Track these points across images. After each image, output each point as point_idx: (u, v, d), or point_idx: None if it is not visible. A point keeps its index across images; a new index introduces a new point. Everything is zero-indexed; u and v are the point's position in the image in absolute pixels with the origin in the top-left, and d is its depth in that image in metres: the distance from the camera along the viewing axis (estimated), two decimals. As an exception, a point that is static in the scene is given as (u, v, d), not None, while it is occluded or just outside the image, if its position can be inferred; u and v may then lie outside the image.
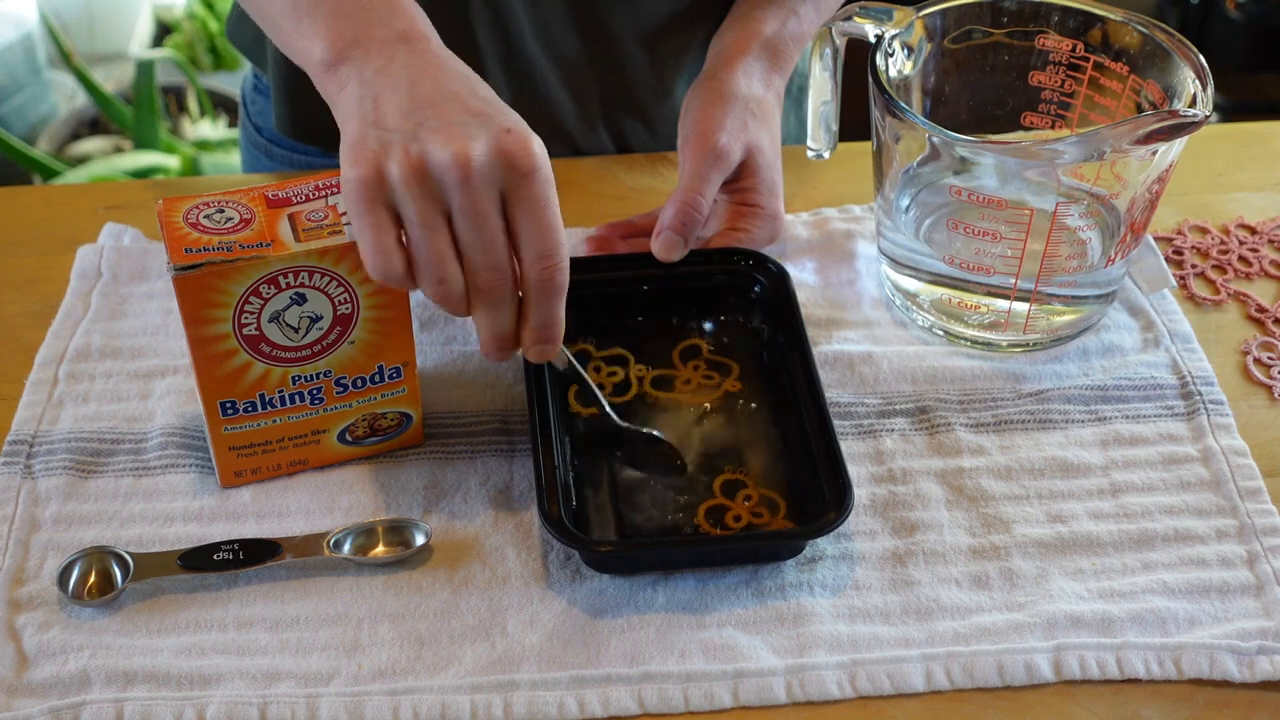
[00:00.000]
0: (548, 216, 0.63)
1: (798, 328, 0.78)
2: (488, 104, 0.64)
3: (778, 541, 0.71)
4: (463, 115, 0.63)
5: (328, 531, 0.71)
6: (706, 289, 0.82)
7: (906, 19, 0.82)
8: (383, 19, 0.68)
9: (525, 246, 0.64)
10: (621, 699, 0.65)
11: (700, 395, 0.79)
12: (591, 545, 0.69)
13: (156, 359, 0.81)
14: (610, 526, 0.71)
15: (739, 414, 0.78)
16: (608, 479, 0.74)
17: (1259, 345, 0.84)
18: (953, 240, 0.80)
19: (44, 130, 2.33)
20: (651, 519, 0.72)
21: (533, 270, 0.64)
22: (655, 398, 0.78)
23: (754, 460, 0.75)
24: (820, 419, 0.73)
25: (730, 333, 0.82)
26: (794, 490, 0.73)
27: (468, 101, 0.64)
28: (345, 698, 0.64)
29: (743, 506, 0.73)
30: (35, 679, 0.65)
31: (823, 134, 0.89)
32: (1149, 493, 0.75)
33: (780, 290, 0.81)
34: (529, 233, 0.63)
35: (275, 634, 0.67)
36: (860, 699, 0.65)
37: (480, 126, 0.62)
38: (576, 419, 0.76)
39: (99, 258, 0.87)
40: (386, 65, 0.66)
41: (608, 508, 0.72)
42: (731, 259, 0.83)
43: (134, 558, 0.69)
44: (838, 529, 0.68)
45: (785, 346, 0.78)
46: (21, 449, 0.75)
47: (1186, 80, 0.78)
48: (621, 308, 0.83)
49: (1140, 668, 0.66)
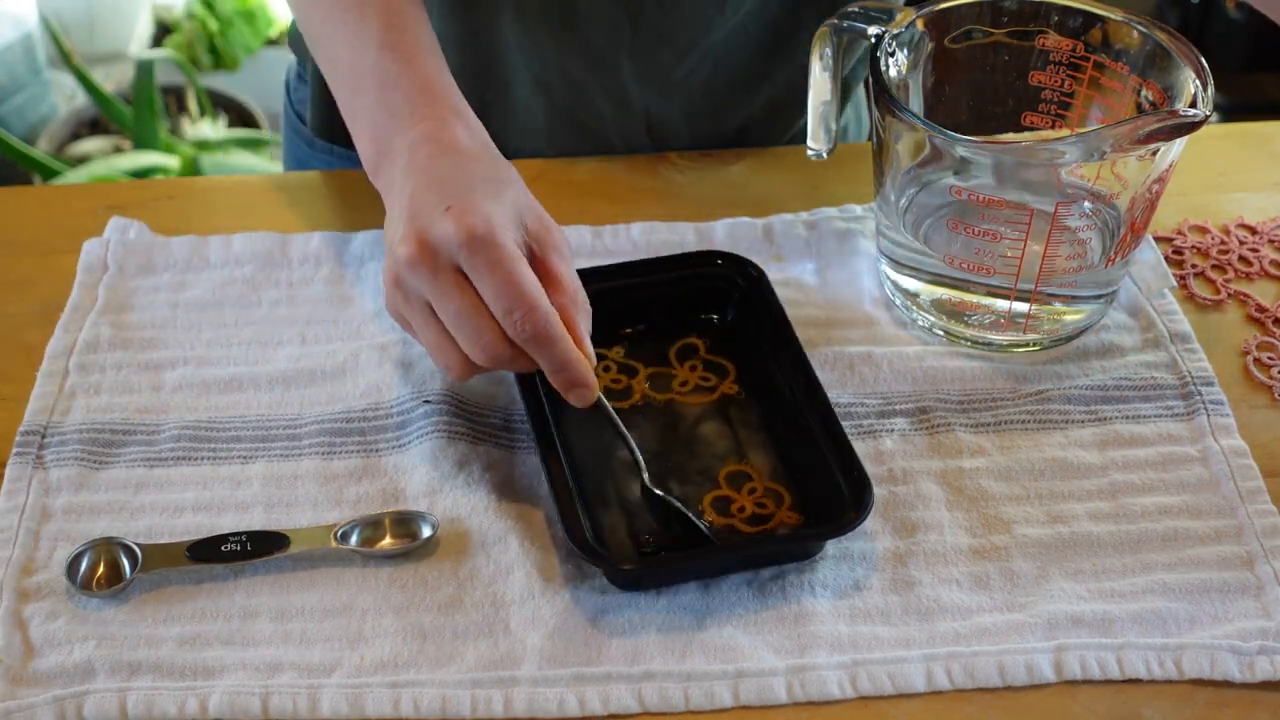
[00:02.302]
0: (496, 278, 0.67)
1: (785, 326, 0.78)
2: (459, 194, 0.69)
3: (801, 542, 0.71)
4: (431, 212, 0.69)
5: (335, 523, 0.71)
6: (691, 292, 0.82)
7: (906, 19, 0.82)
8: (406, 121, 0.74)
9: (493, 310, 0.68)
10: (622, 697, 0.65)
11: (698, 396, 0.79)
12: (615, 565, 0.69)
13: (166, 350, 0.81)
14: (624, 536, 0.71)
15: (738, 414, 0.78)
16: (614, 490, 0.73)
17: (1259, 345, 0.84)
18: (952, 240, 0.80)
19: (44, 130, 2.33)
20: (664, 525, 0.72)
21: (508, 328, 0.68)
22: (653, 398, 0.78)
23: (756, 456, 0.75)
24: (824, 416, 0.73)
25: (721, 335, 0.82)
26: (800, 485, 0.73)
27: (441, 197, 0.69)
28: (346, 689, 0.65)
29: (747, 498, 0.73)
30: (40, 668, 0.65)
31: (823, 134, 0.89)
32: (1149, 493, 0.75)
33: (760, 290, 0.81)
34: (489, 298, 0.68)
35: (279, 625, 0.67)
36: (861, 699, 0.65)
37: (435, 218, 0.68)
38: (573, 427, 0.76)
39: (105, 251, 0.87)
40: (396, 178, 0.73)
41: (620, 524, 0.72)
42: (713, 261, 0.83)
43: (142, 549, 0.69)
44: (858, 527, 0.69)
45: (776, 345, 0.78)
46: (34, 440, 0.76)
47: (1186, 80, 0.78)
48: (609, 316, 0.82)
49: (1141, 668, 0.66)
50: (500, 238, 0.68)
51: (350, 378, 0.79)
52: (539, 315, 0.67)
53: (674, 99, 0.97)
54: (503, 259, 0.67)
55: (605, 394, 0.77)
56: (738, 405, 0.78)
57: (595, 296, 0.74)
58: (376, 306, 0.84)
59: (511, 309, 0.67)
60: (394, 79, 0.76)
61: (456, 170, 0.72)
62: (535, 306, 0.67)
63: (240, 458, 0.76)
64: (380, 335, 0.82)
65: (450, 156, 0.73)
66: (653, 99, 0.96)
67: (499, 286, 0.67)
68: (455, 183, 0.71)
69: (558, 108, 0.96)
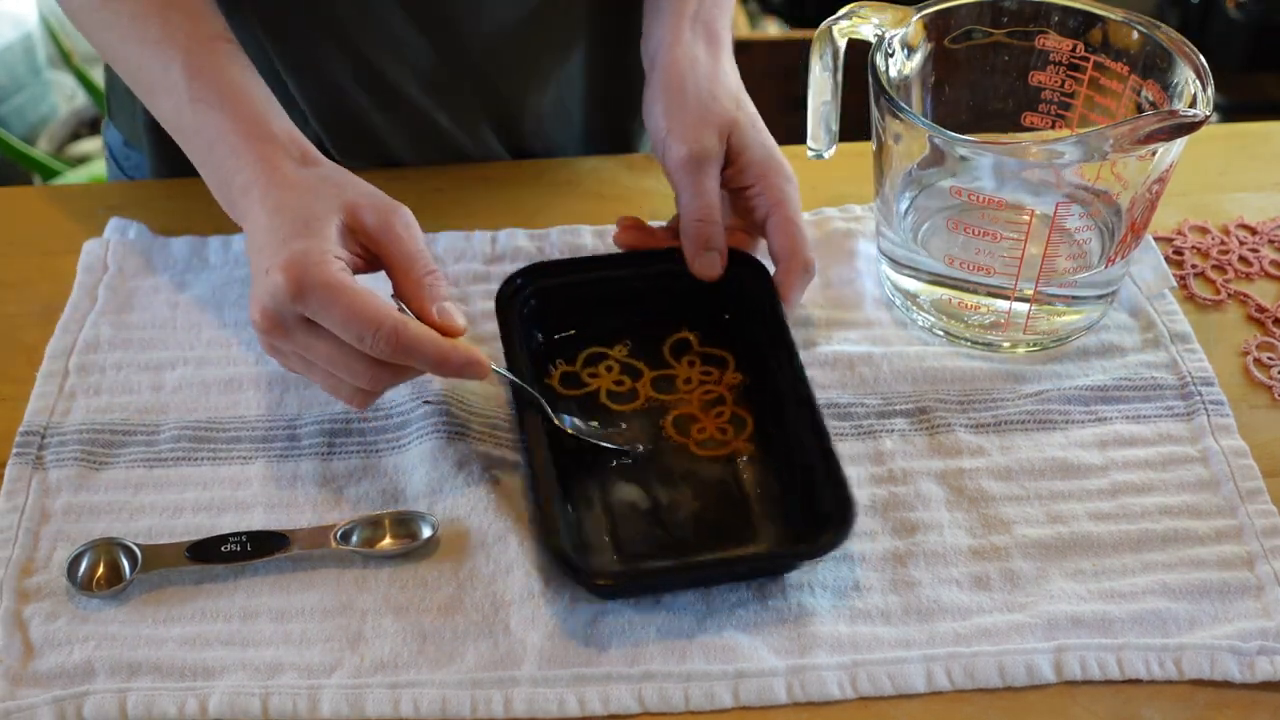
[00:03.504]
0: (335, 315, 0.67)
1: (782, 325, 0.78)
2: (275, 248, 0.69)
3: (779, 561, 0.70)
4: (261, 279, 0.69)
5: (335, 523, 0.71)
6: (690, 288, 0.81)
7: (906, 19, 0.82)
8: (236, 175, 0.74)
9: (349, 342, 0.68)
10: (622, 697, 0.65)
11: (699, 393, 0.79)
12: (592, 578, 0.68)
13: (166, 351, 0.81)
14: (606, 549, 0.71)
15: (735, 399, 0.78)
16: (599, 497, 0.73)
17: (1259, 345, 0.84)
18: (952, 241, 0.80)
19: (44, 130, 2.33)
20: (644, 531, 0.71)
21: (370, 353, 0.68)
22: (657, 399, 0.79)
23: (743, 437, 0.76)
24: (814, 425, 0.72)
25: (717, 329, 0.82)
26: (780, 464, 0.74)
27: (264, 257, 0.69)
28: (346, 690, 0.65)
29: (712, 420, 0.75)
30: (40, 669, 0.65)
31: (823, 134, 0.89)
32: (1149, 493, 0.75)
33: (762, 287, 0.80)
34: (340, 335, 0.68)
35: (280, 625, 0.67)
36: (861, 700, 0.65)
37: (263, 283, 0.68)
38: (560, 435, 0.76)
39: (105, 251, 0.88)
40: (246, 224, 0.73)
41: (604, 530, 0.71)
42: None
43: (142, 549, 0.69)
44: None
45: (775, 346, 0.78)
46: (33, 440, 0.76)
47: (1186, 80, 0.78)
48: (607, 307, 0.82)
49: (1141, 668, 0.66)
50: (321, 275, 0.67)
51: (350, 378, 0.79)
52: (387, 331, 0.67)
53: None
54: (332, 295, 0.67)
55: (608, 396, 0.77)
56: (737, 391, 0.79)
57: (596, 285, 0.76)
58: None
59: (363, 336, 0.67)
60: (212, 134, 0.74)
61: (277, 216, 0.71)
62: (381, 324, 0.67)
63: (240, 458, 0.76)
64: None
65: (274, 197, 0.71)
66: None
67: (342, 322, 0.67)
68: (274, 232, 0.70)
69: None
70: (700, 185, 0.80)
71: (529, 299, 0.80)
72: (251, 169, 0.73)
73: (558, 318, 0.81)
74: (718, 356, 0.81)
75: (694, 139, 0.81)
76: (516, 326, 0.79)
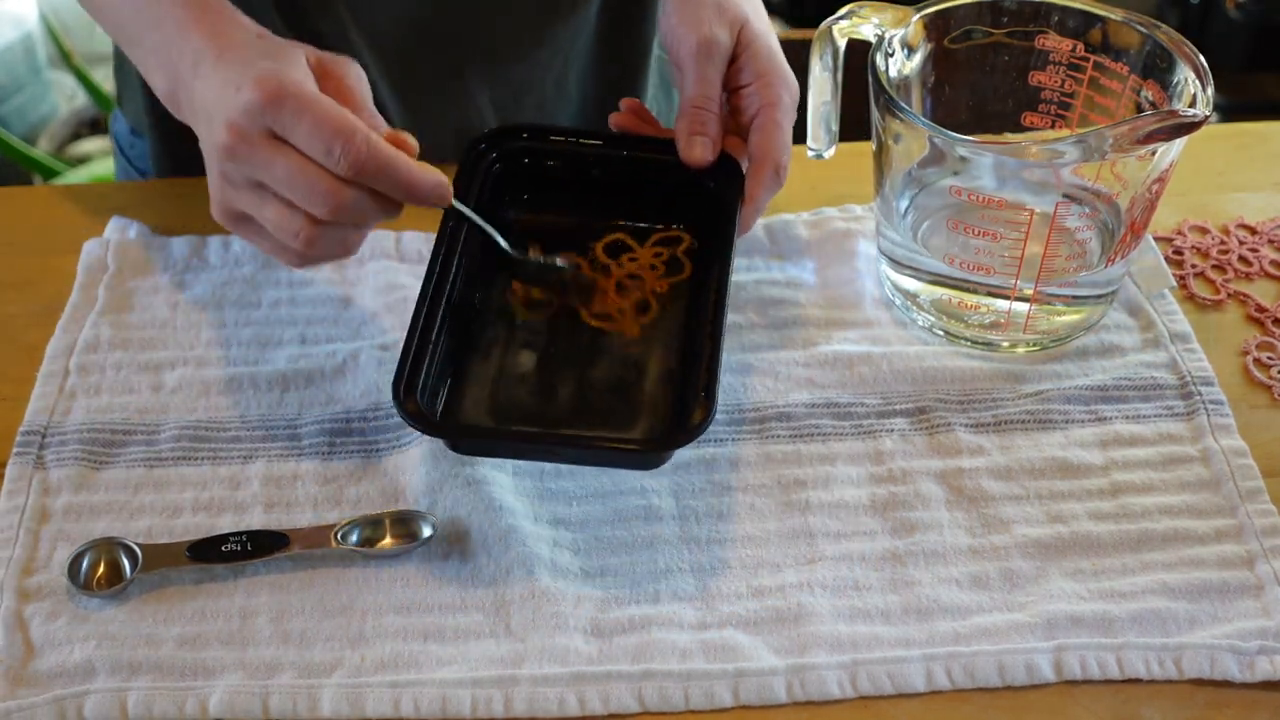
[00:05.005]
0: (305, 123, 0.66)
1: (730, 229, 0.77)
2: (246, 73, 0.68)
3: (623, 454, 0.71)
4: (229, 99, 0.68)
5: (335, 523, 0.71)
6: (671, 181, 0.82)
7: (906, 19, 0.82)
8: (185, 44, 0.72)
9: (315, 157, 0.66)
10: (622, 696, 0.65)
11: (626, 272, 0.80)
12: (445, 431, 0.69)
13: (166, 351, 0.81)
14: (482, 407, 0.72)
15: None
16: (497, 358, 0.74)
17: (1259, 345, 0.84)
18: (952, 241, 0.80)
19: (44, 130, 2.33)
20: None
21: (335, 168, 0.66)
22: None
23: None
24: (714, 323, 0.72)
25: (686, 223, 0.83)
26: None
27: (233, 85, 0.68)
28: (346, 689, 0.65)
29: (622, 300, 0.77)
30: (41, 669, 0.65)
31: (822, 134, 0.89)
32: (1149, 493, 0.75)
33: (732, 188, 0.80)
34: (306, 147, 0.66)
35: (279, 625, 0.67)
36: (861, 699, 0.65)
37: (232, 100, 0.67)
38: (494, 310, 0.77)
39: (105, 251, 0.88)
40: (195, 97, 0.71)
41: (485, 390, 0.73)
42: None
43: (143, 549, 0.69)
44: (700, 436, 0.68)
45: (718, 247, 0.78)
46: (34, 440, 0.76)
47: (1186, 80, 0.78)
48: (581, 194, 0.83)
49: (1141, 668, 0.66)
50: (295, 87, 0.67)
51: (350, 378, 0.79)
52: (358, 141, 0.66)
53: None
54: (305, 104, 0.66)
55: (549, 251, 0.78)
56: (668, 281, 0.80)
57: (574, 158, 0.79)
58: (376, 306, 0.84)
59: (330, 147, 0.66)
60: (165, 13, 0.74)
61: (235, 68, 0.70)
62: (352, 134, 0.66)
63: (240, 458, 0.76)
64: (380, 335, 0.82)
65: (230, 55, 0.71)
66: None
67: (311, 130, 0.66)
68: (241, 66, 0.69)
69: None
70: (704, 73, 0.81)
71: (496, 162, 0.81)
72: (201, 39, 0.72)
73: (528, 186, 0.82)
74: (673, 240, 0.82)
75: (704, 29, 0.81)
76: (486, 188, 0.80)
